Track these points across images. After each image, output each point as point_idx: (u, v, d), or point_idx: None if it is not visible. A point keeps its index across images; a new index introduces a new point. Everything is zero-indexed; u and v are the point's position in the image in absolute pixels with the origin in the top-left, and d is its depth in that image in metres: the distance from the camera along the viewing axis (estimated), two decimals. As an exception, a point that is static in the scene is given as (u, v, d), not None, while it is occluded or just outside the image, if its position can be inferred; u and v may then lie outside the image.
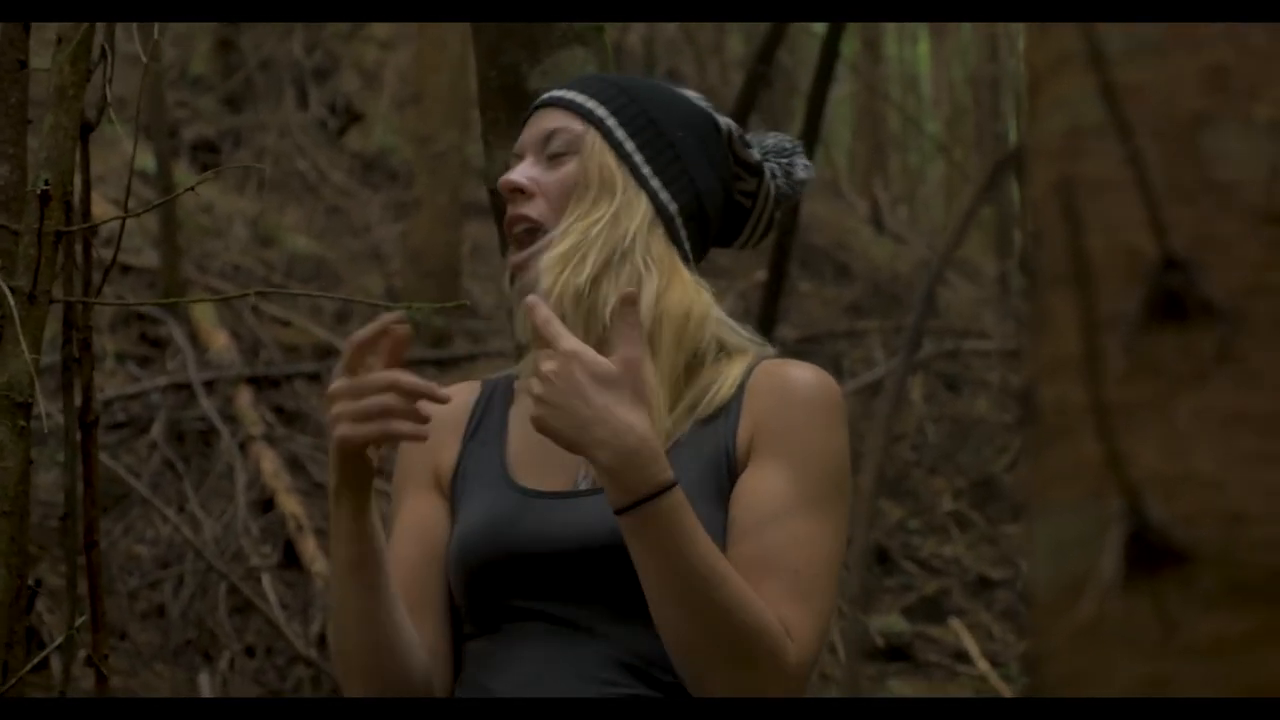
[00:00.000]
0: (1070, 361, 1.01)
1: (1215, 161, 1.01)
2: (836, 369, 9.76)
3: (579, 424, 1.98)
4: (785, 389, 2.14)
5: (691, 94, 2.33)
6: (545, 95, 2.29)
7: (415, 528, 2.21)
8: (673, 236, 2.20)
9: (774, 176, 2.31)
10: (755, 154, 2.30)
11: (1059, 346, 1.02)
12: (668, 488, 1.98)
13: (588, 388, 1.98)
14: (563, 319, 2.08)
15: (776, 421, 2.12)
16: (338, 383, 2.05)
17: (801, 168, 2.33)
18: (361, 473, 2.05)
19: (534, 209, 2.19)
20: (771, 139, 2.34)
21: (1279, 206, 1.01)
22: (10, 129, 2.67)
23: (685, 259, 2.21)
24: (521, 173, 2.21)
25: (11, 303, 2.46)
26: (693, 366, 2.18)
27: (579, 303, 2.13)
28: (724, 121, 2.28)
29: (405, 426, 2.03)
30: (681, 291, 2.17)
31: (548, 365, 2.00)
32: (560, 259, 2.14)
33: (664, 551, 1.98)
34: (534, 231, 2.19)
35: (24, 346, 2.45)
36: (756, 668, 2.01)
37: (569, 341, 2.01)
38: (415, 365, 8.56)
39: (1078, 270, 0.98)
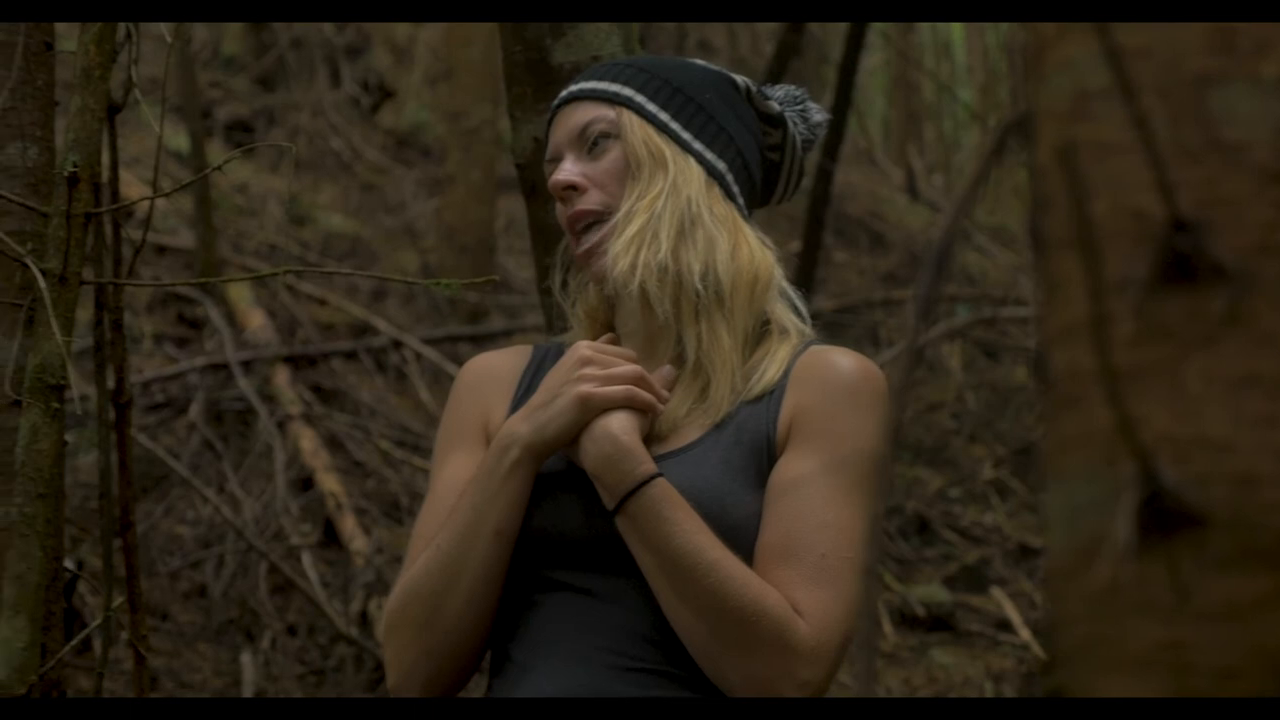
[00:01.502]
0: (1080, 326, 1.00)
1: (1222, 121, 1.00)
2: (873, 338, 9.75)
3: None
4: (827, 377, 2.15)
5: (698, 60, 2.34)
6: (565, 92, 2.30)
7: (462, 483, 2.21)
8: (728, 194, 2.24)
9: (795, 124, 2.34)
10: (775, 105, 2.33)
11: (1068, 311, 1.02)
12: (645, 481, 2.05)
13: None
14: (645, 297, 2.15)
15: (816, 409, 2.14)
16: (594, 350, 2.15)
17: (815, 110, 2.38)
18: (562, 443, 2.12)
19: (591, 201, 2.22)
20: (779, 91, 2.38)
21: (1289, 166, 1.00)
22: (38, 111, 2.68)
23: (743, 215, 2.24)
24: (568, 171, 2.23)
25: (43, 285, 2.47)
26: (752, 336, 2.21)
27: (664, 277, 2.15)
28: (739, 79, 2.32)
29: (647, 396, 2.12)
30: (749, 251, 2.21)
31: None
32: (633, 240, 2.17)
33: (652, 544, 2.04)
34: (600, 220, 2.22)
35: (55, 329, 2.46)
36: (760, 652, 2.02)
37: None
38: (450, 341, 8.57)
39: (1084, 234, 0.97)
